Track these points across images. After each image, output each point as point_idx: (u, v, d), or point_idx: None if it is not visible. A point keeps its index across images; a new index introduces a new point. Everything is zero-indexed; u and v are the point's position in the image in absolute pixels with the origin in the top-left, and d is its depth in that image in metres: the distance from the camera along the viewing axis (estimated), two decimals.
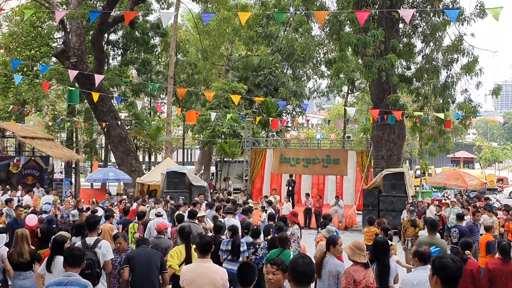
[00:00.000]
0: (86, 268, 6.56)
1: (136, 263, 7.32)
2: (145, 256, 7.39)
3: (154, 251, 7.74)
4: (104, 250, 7.34)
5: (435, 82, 22.11)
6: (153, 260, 7.34)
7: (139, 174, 27.24)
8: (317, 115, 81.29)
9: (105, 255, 7.32)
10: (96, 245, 7.33)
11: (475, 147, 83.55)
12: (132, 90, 33.26)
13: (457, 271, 3.97)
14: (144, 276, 7.26)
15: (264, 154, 27.39)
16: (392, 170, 20.88)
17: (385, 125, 22.62)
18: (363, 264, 6.05)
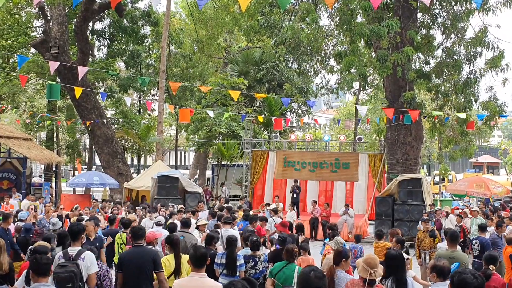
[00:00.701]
0: (67, 281, 6.58)
1: (126, 266, 7.47)
2: (135, 256, 7.52)
3: (147, 249, 7.86)
4: (87, 262, 7.31)
5: (457, 78, 22.11)
6: (145, 260, 7.46)
7: (126, 179, 27.26)
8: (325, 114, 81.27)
9: (88, 267, 7.29)
10: (78, 257, 7.32)
11: (500, 151, 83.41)
12: (120, 85, 33.28)
13: None
14: (135, 279, 7.42)
15: (266, 157, 27.41)
16: (408, 175, 20.89)
17: (401, 125, 22.63)
18: (364, 280, 6.10)
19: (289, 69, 33.91)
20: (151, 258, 7.51)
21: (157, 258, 7.60)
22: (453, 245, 8.83)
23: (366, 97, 43.07)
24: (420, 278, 11.61)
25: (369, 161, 25.57)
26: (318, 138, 45.69)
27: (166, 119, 48.85)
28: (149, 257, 7.51)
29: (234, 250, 8.81)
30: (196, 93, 37.72)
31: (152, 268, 7.46)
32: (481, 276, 4.28)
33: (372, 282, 6.13)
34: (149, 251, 7.79)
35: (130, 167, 32.35)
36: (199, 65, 37.57)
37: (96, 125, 27.69)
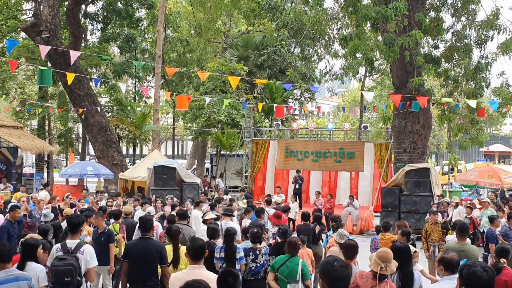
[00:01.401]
0: (66, 275, 6.62)
1: (132, 256, 7.75)
2: (142, 248, 7.78)
3: (155, 242, 8.19)
4: (87, 256, 7.36)
5: (467, 63, 22.06)
6: (152, 253, 7.74)
7: (121, 169, 27.28)
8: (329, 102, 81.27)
9: (88, 261, 7.35)
10: (78, 250, 7.34)
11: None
12: (114, 71, 33.21)
13: (488, 282, 3.99)
14: (140, 270, 7.69)
15: (267, 146, 27.41)
16: (416, 165, 20.88)
17: (408, 113, 22.60)
18: (374, 275, 6.12)
19: (291, 54, 33.80)
20: (158, 251, 7.80)
21: (164, 252, 7.89)
22: (463, 238, 8.83)
23: (372, 83, 43.02)
24: (428, 272, 11.67)
25: (375, 151, 25.56)
26: (321, 126, 45.66)
27: (162, 107, 48.85)
28: (157, 250, 7.80)
29: (233, 243, 8.84)
30: (194, 79, 37.69)
31: (158, 262, 7.76)
32: (491, 269, 4.28)
33: (382, 277, 6.14)
34: (157, 244, 8.12)
35: (125, 157, 32.36)
36: (197, 50, 37.47)
37: (90, 113, 27.66)
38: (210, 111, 29.98)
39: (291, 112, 38.76)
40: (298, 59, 33.08)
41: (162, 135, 47.09)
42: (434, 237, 12.95)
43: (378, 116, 38.35)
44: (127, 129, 34.07)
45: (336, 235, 9.39)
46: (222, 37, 40.49)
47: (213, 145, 38.72)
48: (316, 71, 35.65)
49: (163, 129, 51.66)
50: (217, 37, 40.25)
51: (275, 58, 35.27)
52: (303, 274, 8.02)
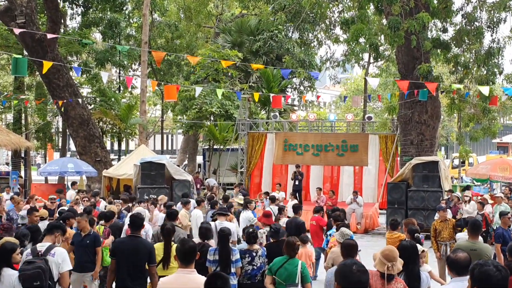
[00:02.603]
0: (34, 279, 6.58)
1: (120, 254, 7.97)
2: (131, 247, 8.00)
3: (144, 241, 8.43)
4: (58, 258, 7.34)
5: (478, 48, 22.09)
6: (141, 252, 7.96)
7: (105, 166, 27.24)
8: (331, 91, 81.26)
9: (59, 264, 7.33)
10: (48, 252, 7.35)
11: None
12: (96, 59, 33.09)
13: (501, 282, 4.01)
14: (128, 269, 7.91)
15: (264, 139, 27.42)
16: (424, 158, 20.95)
17: (415, 102, 22.63)
18: (382, 275, 6.16)
19: (289, 40, 33.74)
20: (147, 250, 8.03)
21: (153, 251, 8.11)
22: (475, 236, 8.87)
23: (377, 71, 43.02)
24: (439, 273, 11.73)
25: (380, 143, 25.61)
26: (322, 117, 45.68)
27: (149, 98, 48.75)
28: (146, 250, 8.04)
29: (227, 244, 8.84)
30: (183, 67, 37.60)
31: (146, 261, 7.99)
32: (505, 269, 4.30)
33: (390, 277, 6.18)
34: (146, 243, 8.36)
35: (109, 153, 32.30)
36: (187, 36, 37.37)
37: (70, 105, 27.57)
38: (201, 102, 29.93)
39: (290, 102, 38.82)
40: (297, 45, 33.01)
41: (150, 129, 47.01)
42: (445, 235, 12.99)
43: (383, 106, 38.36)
44: (111, 122, 33.96)
45: (337, 234, 9.43)
46: (214, 21, 40.41)
47: (205, 139, 38.66)
48: (316, 58, 35.63)
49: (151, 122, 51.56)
50: (208, 21, 40.15)
51: (272, 44, 35.20)
52: (302, 276, 8.04)
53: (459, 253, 5.91)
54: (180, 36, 37.56)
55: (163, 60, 37.14)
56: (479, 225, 9.23)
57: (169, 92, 21.95)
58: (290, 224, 12.72)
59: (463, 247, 8.09)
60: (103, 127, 33.89)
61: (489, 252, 8.72)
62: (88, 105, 31.71)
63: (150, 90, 42.51)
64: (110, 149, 56.68)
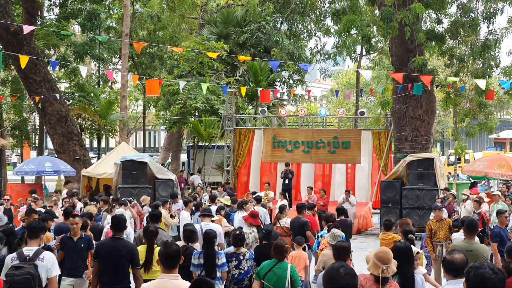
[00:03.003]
0: (23, 286, 6.56)
1: (102, 257, 8.13)
2: (113, 249, 8.13)
3: (127, 243, 8.52)
4: (47, 263, 7.35)
5: (474, 40, 22.19)
6: (123, 254, 8.08)
7: (84, 165, 27.13)
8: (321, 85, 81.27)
9: (49, 270, 7.34)
10: (37, 257, 7.33)
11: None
12: (75, 53, 32.93)
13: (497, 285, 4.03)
14: (111, 272, 8.05)
15: (251, 136, 27.41)
16: (419, 155, 21.02)
17: (410, 97, 22.72)
18: (375, 278, 6.17)
19: (277, 31, 33.75)
20: (129, 253, 8.14)
21: (136, 253, 8.22)
22: (471, 236, 8.93)
23: (370, 63, 43.12)
24: (435, 276, 11.79)
25: (373, 139, 25.67)
26: (313, 112, 45.70)
27: (131, 93, 48.52)
28: (128, 252, 8.14)
29: (212, 247, 8.82)
30: (166, 60, 37.45)
31: (129, 264, 8.09)
32: (501, 271, 4.33)
33: (385, 280, 6.20)
34: (129, 245, 8.45)
35: (88, 151, 32.18)
36: (170, 27, 37.21)
37: (47, 100, 27.43)
38: (185, 97, 29.85)
39: (279, 97, 38.80)
40: (286, 36, 33.05)
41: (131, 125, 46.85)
42: (440, 235, 13.01)
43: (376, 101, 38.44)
44: (90, 119, 33.81)
45: (328, 235, 9.43)
46: (199, 12, 40.29)
47: (189, 136, 38.61)
48: (306, 50, 35.64)
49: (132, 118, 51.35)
50: (192, 12, 40.02)
51: (259, 35, 35.17)
52: (292, 281, 8.02)
53: (455, 254, 5.92)
54: (163, 28, 37.41)
55: (145, 53, 37.05)
56: (475, 225, 9.28)
57: (151, 87, 21.88)
58: (293, 224, 12.80)
59: (459, 248, 8.13)
60: (82, 123, 33.75)
61: (486, 253, 8.78)
62: (66, 101, 31.53)
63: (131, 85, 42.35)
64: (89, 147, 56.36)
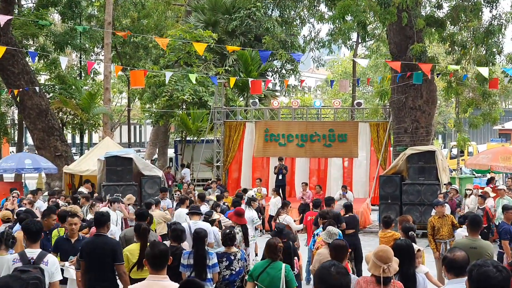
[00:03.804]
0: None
1: (86, 256, 8.40)
2: (96, 246, 8.40)
3: (109, 239, 8.75)
4: (51, 267, 7.44)
5: (476, 25, 22.20)
6: (106, 251, 8.30)
7: (66, 161, 27.07)
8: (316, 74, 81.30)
9: (52, 274, 7.42)
10: (41, 260, 7.40)
11: None
12: (55, 43, 32.82)
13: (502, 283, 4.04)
14: (96, 270, 8.29)
15: (242, 129, 27.37)
16: (419, 148, 21.05)
17: (409, 86, 22.74)
18: (377, 279, 6.18)
19: (268, 18, 33.66)
20: (111, 249, 8.35)
21: (117, 249, 8.43)
22: (475, 232, 8.94)
23: (366, 52, 43.09)
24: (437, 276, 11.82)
25: (371, 132, 25.68)
26: (307, 104, 45.73)
27: (114, 85, 48.36)
28: (110, 248, 8.36)
29: (203, 247, 8.83)
30: (151, 50, 37.36)
31: (112, 260, 8.30)
32: (506, 269, 4.33)
33: (387, 280, 6.20)
34: (110, 241, 8.67)
35: (70, 147, 32.11)
36: (155, 15, 37.10)
37: (26, 94, 27.33)
38: (172, 89, 29.78)
39: (271, 88, 38.72)
40: (277, 24, 32.97)
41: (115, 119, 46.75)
42: (443, 232, 13.01)
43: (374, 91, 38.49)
44: (72, 113, 33.70)
45: (324, 233, 9.43)
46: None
47: (177, 130, 38.53)
48: (299, 38, 35.61)
49: (116, 112, 51.24)
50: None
51: (250, 23, 35.10)
52: (287, 281, 8.04)
53: (456, 252, 5.92)
54: (147, 16, 37.30)
55: (129, 42, 36.96)
56: (479, 221, 9.29)
57: (135, 78, 21.84)
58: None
59: (462, 245, 8.16)
60: (63, 118, 33.64)
61: (490, 250, 8.79)
62: (46, 94, 31.43)
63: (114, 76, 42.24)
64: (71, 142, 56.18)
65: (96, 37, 34.03)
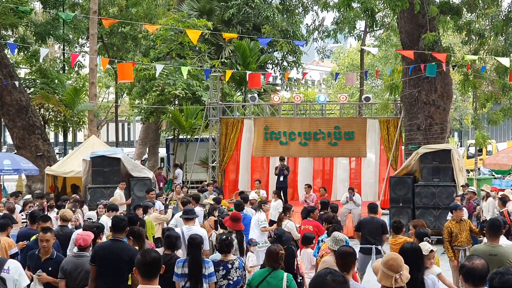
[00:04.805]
0: None
1: (100, 260, 8.42)
2: (112, 252, 8.47)
3: (127, 246, 8.82)
4: (14, 273, 7.38)
5: (494, 12, 22.18)
6: (123, 258, 8.34)
7: (49, 162, 27.09)
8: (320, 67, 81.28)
9: (16, 281, 7.37)
10: (1, 269, 7.34)
11: None
12: (36, 33, 32.83)
13: None
14: (109, 276, 8.33)
15: (240, 127, 27.36)
16: (434, 147, 21.01)
17: (422, 79, 22.72)
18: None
19: (268, 5, 33.68)
20: (129, 257, 8.32)
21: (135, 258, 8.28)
22: (495, 238, 8.90)
23: (375, 42, 43.10)
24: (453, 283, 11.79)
25: (381, 129, 25.69)
26: (311, 99, 45.72)
27: (101, 79, 48.34)
28: (128, 255, 8.37)
29: (199, 255, 8.81)
30: (141, 41, 37.34)
31: (129, 268, 8.20)
32: None
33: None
34: (129, 248, 8.73)
35: (53, 146, 32.10)
36: (144, 2, 37.10)
37: (5, 89, 27.36)
38: (163, 83, 29.77)
39: (271, 81, 38.73)
40: (278, 11, 32.98)
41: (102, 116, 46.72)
42: (462, 238, 12.95)
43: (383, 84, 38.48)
44: (54, 109, 33.76)
45: (329, 240, 9.40)
46: None
47: (169, 128, 38.49)
48: (302, 27, 35.60)
49: (103, 108, 51.24)
50: None
51: (248, 11, 35.11)
52: None
53: (475, 260, 5.85)
54: (136, 3, 37.30)
55: (116, 33, 36.94)
56: (499, 225, 9.22)
57: (124, 71, 21.80)
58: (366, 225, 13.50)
59: (481, 252, 8.13)
60: (45, 115, 33.68)
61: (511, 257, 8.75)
62: (27, 89, 31.46)
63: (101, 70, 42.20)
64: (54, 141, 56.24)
65: (81, 27, 34.04)
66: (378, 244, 13.28)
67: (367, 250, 13.26)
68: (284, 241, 9.88)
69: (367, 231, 13.42)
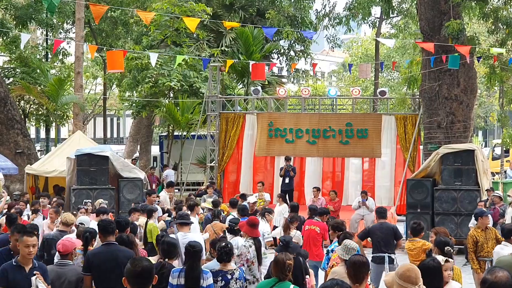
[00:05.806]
0: None
1: (96, 268, 8.49)
2: (108, 257, 8.54)
3: (123, 249, 8.86)
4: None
5: None
6: (121, 262, 8.26)
7: (29, 160, 27.12)
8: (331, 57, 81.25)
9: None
10: None
11: None
12: (16, 17, 32.88)
13: None
14: (108, 284, 8.37)
15: (241, 123, 27.36)
16: (456, 147, 21.03)
17: (443, 72, 22.73)
18: None
19: None
20: (128, 259, 8.15)
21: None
22: None
23: (392, 30, 43.10)
24: None
25: (397, 127, 25.68)
26: (320, 93, 45.72)
27: (87, 68, 48.38)
28: (127, 258, 8.15)
29: (198, 264, 8.82)
30: (132, 27, 37.36)
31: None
32: None
33: None
34: (126, 251, 8.79)
35: (34, 142, 32.15)
36: None
37: None
38: (157, 74, 29.80)
39: (276, 73, 38.76)
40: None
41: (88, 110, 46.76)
42: (488, 248, 12.83)
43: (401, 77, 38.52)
44: (36, 102, 33.80)
45: (340, 249, 9.42)
46: None
47: (163, 123, 38.54)
48: (311, 13, 35.60)
49: (90, 101, 51.26)
50: None
51: None
52: None
53: (498, 272, 5.82)
54: None
55: (105, 18, 36.93)
56: None
57: (113, 60, 21.83)
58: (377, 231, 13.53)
59: (506, 263, 8.14)
60: (25, 107, 33.73)
61: None
62: (6, 79, 31.48)
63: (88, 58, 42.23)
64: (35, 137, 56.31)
65: (66, 12, 34.01)
66: (391, 252, 13.27)
67: (379, 259, 13.25)
68: (291, 248, 9.87)
69: (378, 239, 13.39)
